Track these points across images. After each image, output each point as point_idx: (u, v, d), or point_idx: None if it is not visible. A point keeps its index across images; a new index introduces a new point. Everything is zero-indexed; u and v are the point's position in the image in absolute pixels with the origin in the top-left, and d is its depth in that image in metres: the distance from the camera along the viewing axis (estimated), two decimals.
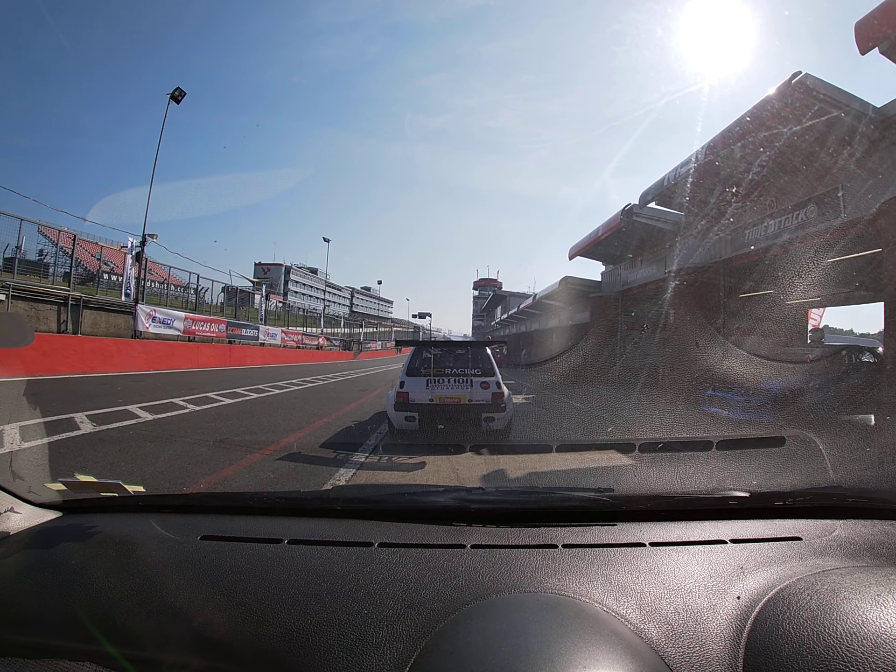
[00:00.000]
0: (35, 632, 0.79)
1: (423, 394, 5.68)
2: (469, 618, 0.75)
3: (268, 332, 25.70)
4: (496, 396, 5.70)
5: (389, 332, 74.36)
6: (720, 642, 0.70)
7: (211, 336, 20.20)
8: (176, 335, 17.86)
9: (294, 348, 29.07)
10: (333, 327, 44.55)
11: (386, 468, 4.58)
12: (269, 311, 32.75)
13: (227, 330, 21.47)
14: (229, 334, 21.64)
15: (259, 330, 24.66)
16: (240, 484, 3.67)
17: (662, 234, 12.82)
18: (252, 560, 0.96)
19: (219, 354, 19.73)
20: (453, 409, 5.65)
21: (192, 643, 0.75)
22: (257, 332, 24.38)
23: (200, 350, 18.57)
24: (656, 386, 12.07)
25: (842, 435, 5.51)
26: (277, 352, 25.88)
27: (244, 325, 23.75)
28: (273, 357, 24.43)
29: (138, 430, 5.78)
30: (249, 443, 5.38)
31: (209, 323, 20.19)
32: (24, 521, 1.12)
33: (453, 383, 5.81)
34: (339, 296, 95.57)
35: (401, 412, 5.56)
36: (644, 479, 3.29)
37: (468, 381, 5.81)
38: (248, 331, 23.60)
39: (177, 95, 18.39)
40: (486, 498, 1.30)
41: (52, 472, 2.42)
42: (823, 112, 6.44)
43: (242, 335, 22.91)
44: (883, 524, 1.08)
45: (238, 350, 21.60)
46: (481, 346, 6.69)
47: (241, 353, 21.60)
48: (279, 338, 27.03)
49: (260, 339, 24.55)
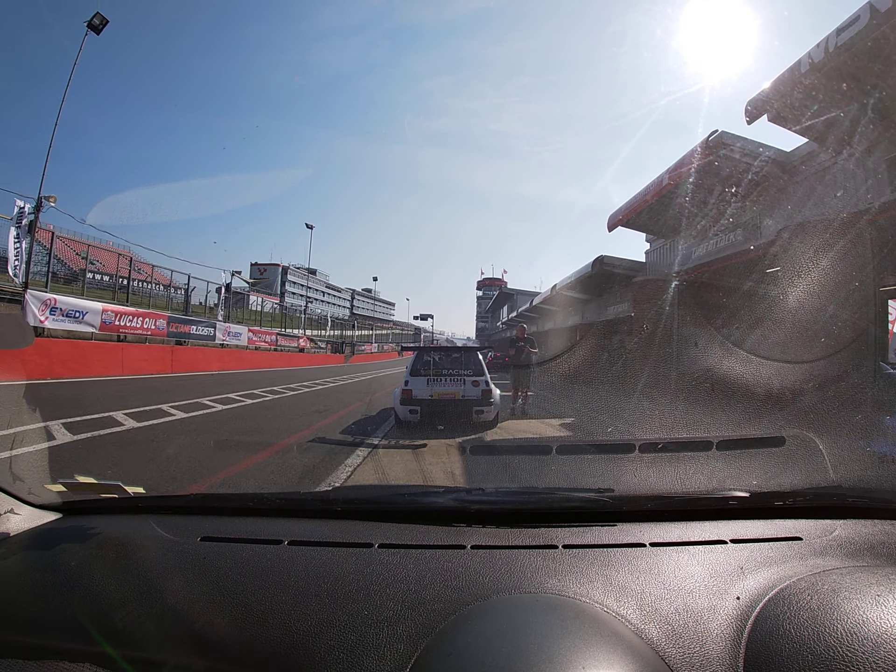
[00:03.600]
0: (35, 633, 0.79)
1: (424, 391, 6.70)
2: (469, 618, 0.74)
3: (228, 330, 20.90)
4: (485, 393, 6.73)
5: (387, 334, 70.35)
6: (721, 642, 0.70)
7: (145, 334, 15.92)
8: (90, 332, 13.61)
9: (267, 350, 24.74)
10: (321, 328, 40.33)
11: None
12: (264, 313, 31.75)
13: (170, 327, 17.06)
14: (173, 332, 17.25)
15: (216, 328, 19.81)
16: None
17: (764, 177, 8.49)
18: (252, 561, 0.96)
19: (156, 358, 15.39)
20: (449, 404, 6.71)
21: (193, 644, 0.75)
22: (213, 331, 19.58)
23: (127, 352, 14.25)
24: (750, 406, 7.64)
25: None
26: (242, 355, 21.31)
27: (195, 321, 18.99)
28: (236, 361, 19.94)
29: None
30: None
31: (141, 318, 15.89)
32: (24, 522, 1.12)
33: (449, 382, 6.88)
34: (340, 297, 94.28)
35: (405, 406, 6.58)
36: (644, 479, 3.14)
37: (462, 380, 6.86)
38: (200, 328, 18.83)
39: (97, 24, 14.22)
40: (486, 498, 1.28)
41: (40, 477, 2.24)
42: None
43: (193, 334, 18.44)
44: (883, 524, 1.08)
45: (185, 353, 17.18)
46: (473, 350, 7.88)
47: (189, 356, 17.15)
48: (245, 338, 22.37)
49: (219, 339, 20.12)
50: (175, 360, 16.33)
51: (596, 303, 17.99)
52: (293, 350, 28.42)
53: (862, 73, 6.15)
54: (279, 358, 24.94)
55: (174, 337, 17.50)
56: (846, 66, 6.10)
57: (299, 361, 26.76)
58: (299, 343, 29.38)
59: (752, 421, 6.18)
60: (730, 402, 7.58)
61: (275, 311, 35.17)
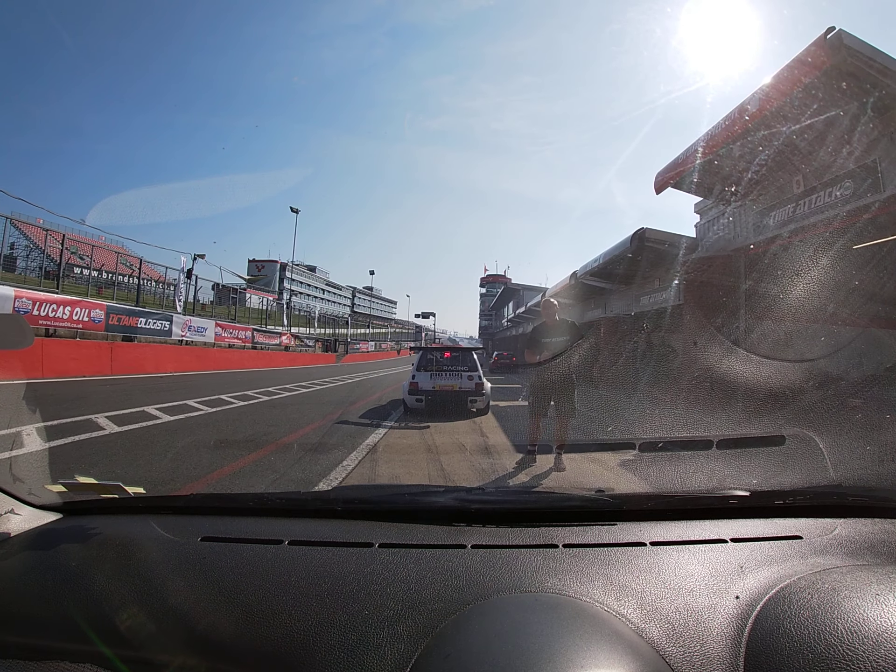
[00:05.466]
0: (36, 633, 0.79)
1: (427, 383, 8.06)
2: (470, 618, 0.74)
3: (189, 324, 17.78)
4: (478, 385, 8.11)
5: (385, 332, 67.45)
6: (721, 641, 0.70)
7: (74, 328, 13.03)
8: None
9: (241, 349, 21.77)
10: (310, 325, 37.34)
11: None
12: (261, 311, 30.72)
13: (109, 319, 14.18)
14: (114, 326, 14.35)
15: (173, 321, 16.78)
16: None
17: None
18: (253, 561, 0.96)
19: (89, 357, 12.56)
20: (448, 394, 8.02)
21: (193, 644, 0.74)
22: (169, 325, 16.59)
23: (49, 350, 11.36)
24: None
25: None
26: (207, 353, 18.07)
27: (145, 312, 15.96)
28: (197, 361, 16.60)
29: None
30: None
31: (71, 307, 12.99)
32: (25, 522, 1.11)
33: (449, 376, 8.24)
34: (340, 295, 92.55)
35: (412, 396, 7.94)
36: (644, 478, 3.11)
37: (459, 375, 8.25)
38: (152, 322, 15.85)
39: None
40: (486, 498, 1.29)
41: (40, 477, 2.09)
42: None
43: (142, 328, 15.47)
44: (883, 523, 1.07)
45: (130, 351, 14.23)
46: (469, 350, 9.49)
47: (135, 355, 14.21)
48: (210, 333, 19.18)
49: (177, 335, 17.18)
50: (116, 359, 13.44)
51: (622, 293, 14.97)
52: (275, 348, 25.46)
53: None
54: (256, 357, 21.88)
55: (118, 331, 14.64)
56: None
57: (280, 361, 23.71)
58: (282, 341, 26.38)
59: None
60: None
61: (270, 308, 33.48)
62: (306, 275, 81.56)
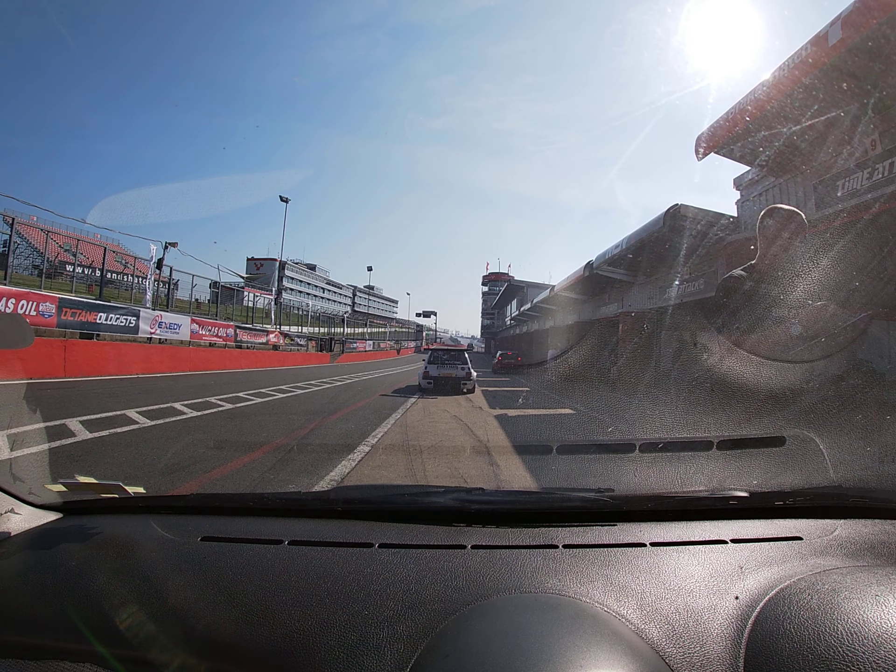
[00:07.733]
0: (35, 633, 0.78)
1: (435, 372, 13.46)
2: (470, 618, 0.74)
3: (159, 320, 16.16)
4: (467, 374, 13.47)
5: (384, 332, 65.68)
6: (721, 642, 0.69)
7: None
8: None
9: (223, 348, 20.07)
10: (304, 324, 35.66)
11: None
12: (258, 309, 30.05)
13: (62, 314, 12.57)
14: (68, 322, 12.75)
15: (140, 317, 15.15)
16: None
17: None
18: (253, 561, 0.96)
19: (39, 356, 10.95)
20: (449, 379, 13.36)
21: (193, 644, 0.74)
22: (136, 321, 14.99)
23: None
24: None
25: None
26: (180, 353, 16.55)
27: (106, 306, 14.36)
28: (169, 361, 15.06)
29: None
30: None
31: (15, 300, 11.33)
32: (25, 522, 1.11)
33: (449, 367, 13.65)
34: (340, 294, 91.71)
35: (425, 380, 13.32)
36: (644, 479, 2.95)
37: (455, 366, 13.71)
38: (115, 318, 14.31)
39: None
40: (486, 498, 1.28)
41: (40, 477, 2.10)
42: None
43: (103, 324, 13.85)
44: (883, 524, 1.07)
45: (88, 350, 12.65)
46: (462, 350, 15.25)
47: (93, 354, 12.65)
48: (185, 331, 17.58)
49: (145, 332, 15.53)
50: (70, 359, 11.89)
51: (641, 285, 13.27)
52: (262, 347, 23.79)
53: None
54: (238, 357, 20.15)
55: (74, 328, 13.03)
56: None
57: (266, 362, 21.95)
58: (269, 339, 24.68)
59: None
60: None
61: (268, 307, 32.50)
62: (306, 273, 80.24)
